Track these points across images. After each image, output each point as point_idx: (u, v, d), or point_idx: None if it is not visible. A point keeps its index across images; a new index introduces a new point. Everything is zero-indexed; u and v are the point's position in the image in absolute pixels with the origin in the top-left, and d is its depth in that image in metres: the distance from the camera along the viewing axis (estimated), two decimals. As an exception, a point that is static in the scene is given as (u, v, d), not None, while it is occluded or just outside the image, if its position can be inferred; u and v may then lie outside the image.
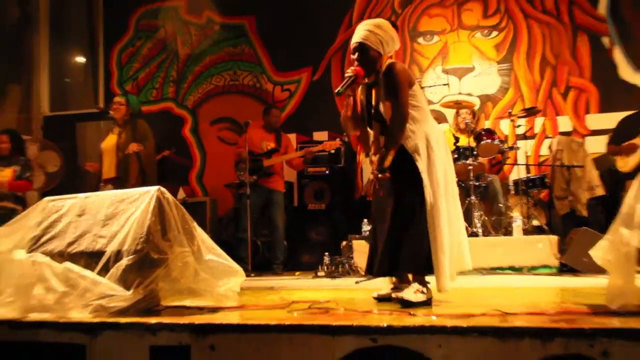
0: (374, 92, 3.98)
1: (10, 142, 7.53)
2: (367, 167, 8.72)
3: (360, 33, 3.86)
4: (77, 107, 10.57)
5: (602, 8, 8.62)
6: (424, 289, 3.64)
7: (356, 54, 3.89)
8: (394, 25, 4.02)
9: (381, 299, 3.81)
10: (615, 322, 2.67)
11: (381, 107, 3.85)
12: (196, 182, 9.95)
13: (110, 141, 7.36)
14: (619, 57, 8.50)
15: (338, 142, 8.16)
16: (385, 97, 3.83)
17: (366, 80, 4.01)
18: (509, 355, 2.51)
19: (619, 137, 7.40)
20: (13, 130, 8.09)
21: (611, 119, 7.87)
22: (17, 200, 7.36)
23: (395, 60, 3.92)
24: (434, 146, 3.78)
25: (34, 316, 3.23)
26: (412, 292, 3.60)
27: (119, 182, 6.97)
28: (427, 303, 3.57)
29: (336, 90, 3.95)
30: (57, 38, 10.89)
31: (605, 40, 8.58)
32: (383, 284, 3.99)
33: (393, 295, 3.76)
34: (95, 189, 6.78)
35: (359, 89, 4.05)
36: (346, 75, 3.89)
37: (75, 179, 8.39)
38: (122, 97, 7.56)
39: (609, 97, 8.45)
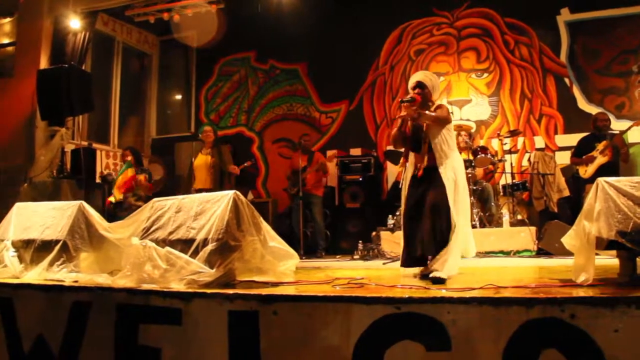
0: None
1: (133, 156, 7.63)
2: (393, 173, 8.73)
3: (419, 76, 4.11)
4: (175, 132, 10.73)
5: (563, 57, 8.54)
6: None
7: (416, 89, 4.03)
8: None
9: (423, 277, 3.78)
10: (579, 292, 2.65)
11: (424, 126, 3.95)
12: (261, 187, 9.95)
13: (200, 159, 7.35)
14: (577, 92, 8.40)
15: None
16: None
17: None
18: (500, 319, 2.46)
19: (579, 152, 7.31)
20: (134, 147, 8.24)
21: (573, 138, 7.81)
22: (146, 200, 7.44)
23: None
24: (458, 168, 3.95)
25: (145, 286, 3.28)
26: (443, 272, 3.58)
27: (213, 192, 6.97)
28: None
29: (401, 99, 4.03)
30: (163, 82, 11.08)
31: (567, 80, 8.49)
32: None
33: (430, 275, 3.62)
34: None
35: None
36: (413, 94, 4.02)
37: (174, 184, 8.45)
38: (210, 126, 7.58)
39: (571, 122, 8.36)
